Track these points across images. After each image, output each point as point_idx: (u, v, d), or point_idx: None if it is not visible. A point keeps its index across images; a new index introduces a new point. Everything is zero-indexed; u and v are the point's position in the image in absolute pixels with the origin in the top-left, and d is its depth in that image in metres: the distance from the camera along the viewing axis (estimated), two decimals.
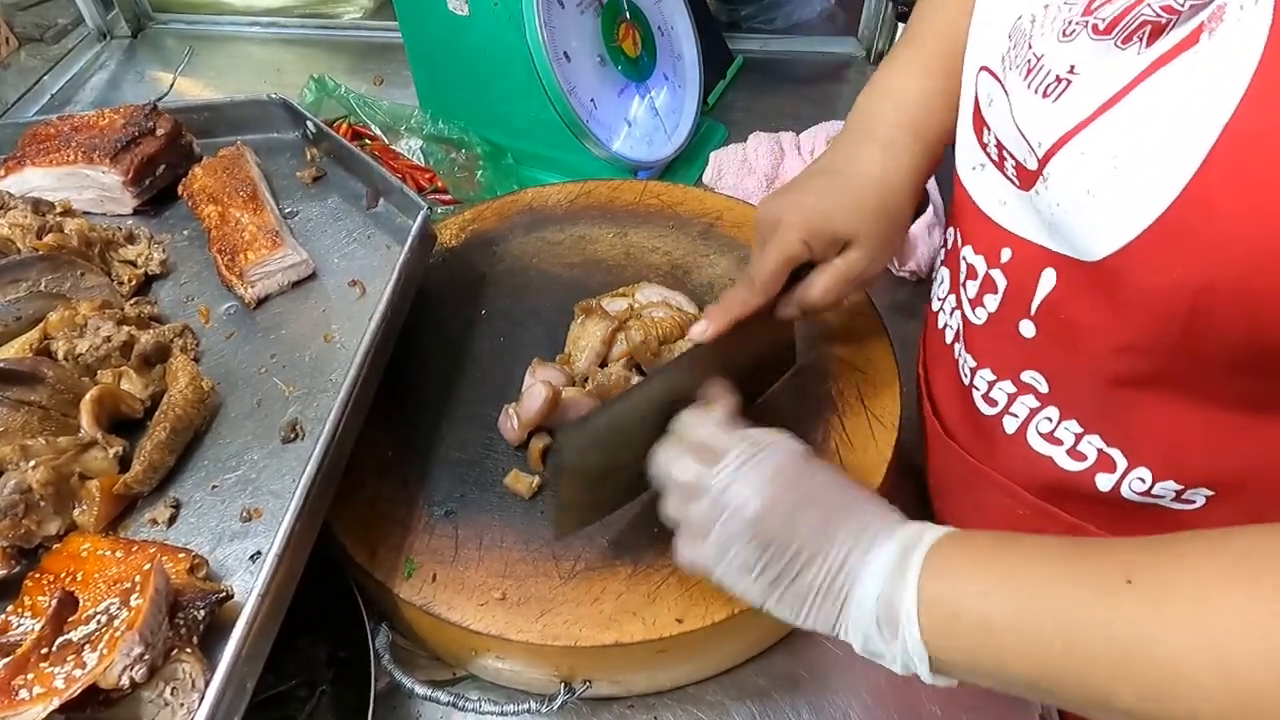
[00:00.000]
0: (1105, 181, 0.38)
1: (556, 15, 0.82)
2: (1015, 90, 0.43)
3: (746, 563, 0.43)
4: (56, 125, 0.78)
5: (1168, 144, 0.35)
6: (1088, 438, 0.48)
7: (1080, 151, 0.39)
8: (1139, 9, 0.37)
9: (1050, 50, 0.41)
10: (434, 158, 0.93)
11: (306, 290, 0.67)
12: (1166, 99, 0.36)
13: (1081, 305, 0.43)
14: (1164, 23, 0.36)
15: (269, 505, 0.52)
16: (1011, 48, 0.43)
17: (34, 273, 0.63)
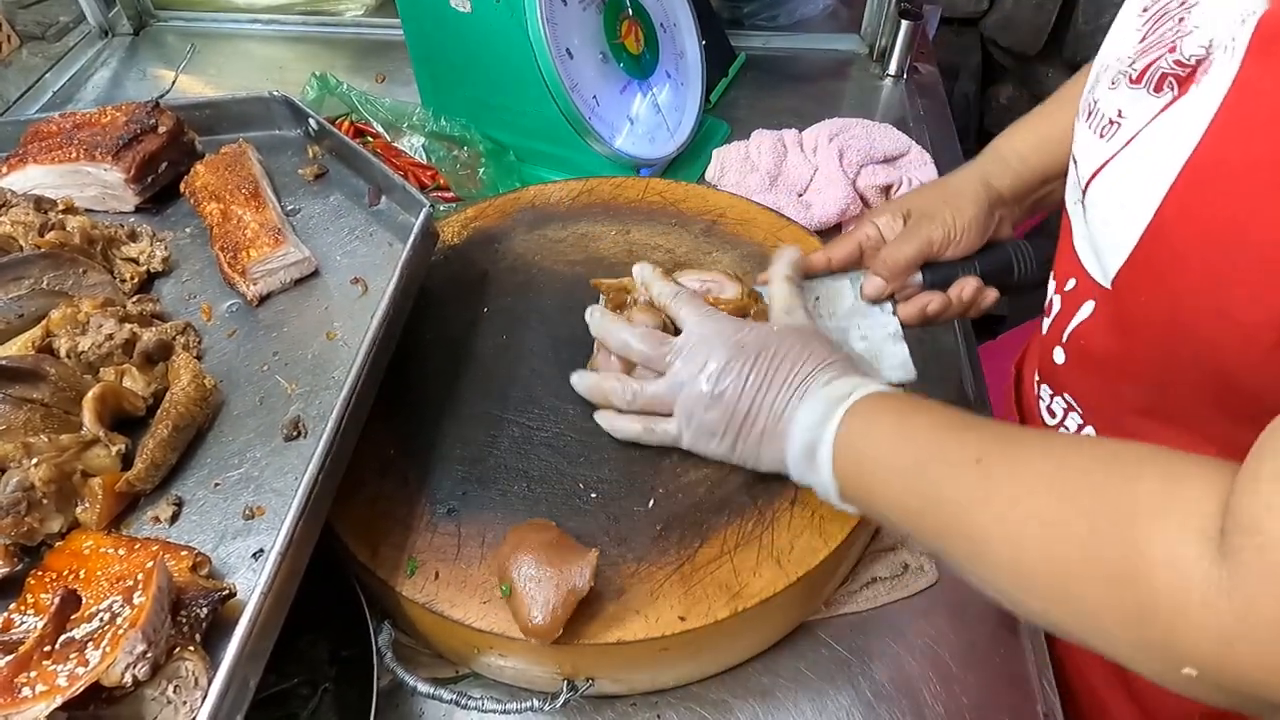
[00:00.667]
0: (1115, 210, 0.44)
1: (559, 12, 0.82)
2: (1080, 130, 0.50)
3: (708, 428, 0.53)
4: (58, 123, 0.78)
5: (1150, 176, 0.41)
6: None
7: (1106, 184, 0.45)
8: (1159, 62, 0.42)
9: (1104, 97, 0.47)
10: (436, 155, 0.93)
11: (309, 288, 0.67)
12: (1160, 137, 0.41)
13: (1099, 332, 0.49)
14: (1183, 75, 0.41)
15: (271, 503, 0.52)
16: (1087, 98, 0.50)
17: (36, 270, 0.62)
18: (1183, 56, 0.40)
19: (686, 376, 0.53)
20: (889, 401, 0.49)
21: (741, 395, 0.51)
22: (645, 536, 0.54)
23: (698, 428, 0.53)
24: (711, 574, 0.52)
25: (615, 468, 0.58)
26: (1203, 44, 0.40)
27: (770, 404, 0.51)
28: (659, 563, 0.53)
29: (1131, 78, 0.44)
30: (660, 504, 0.56)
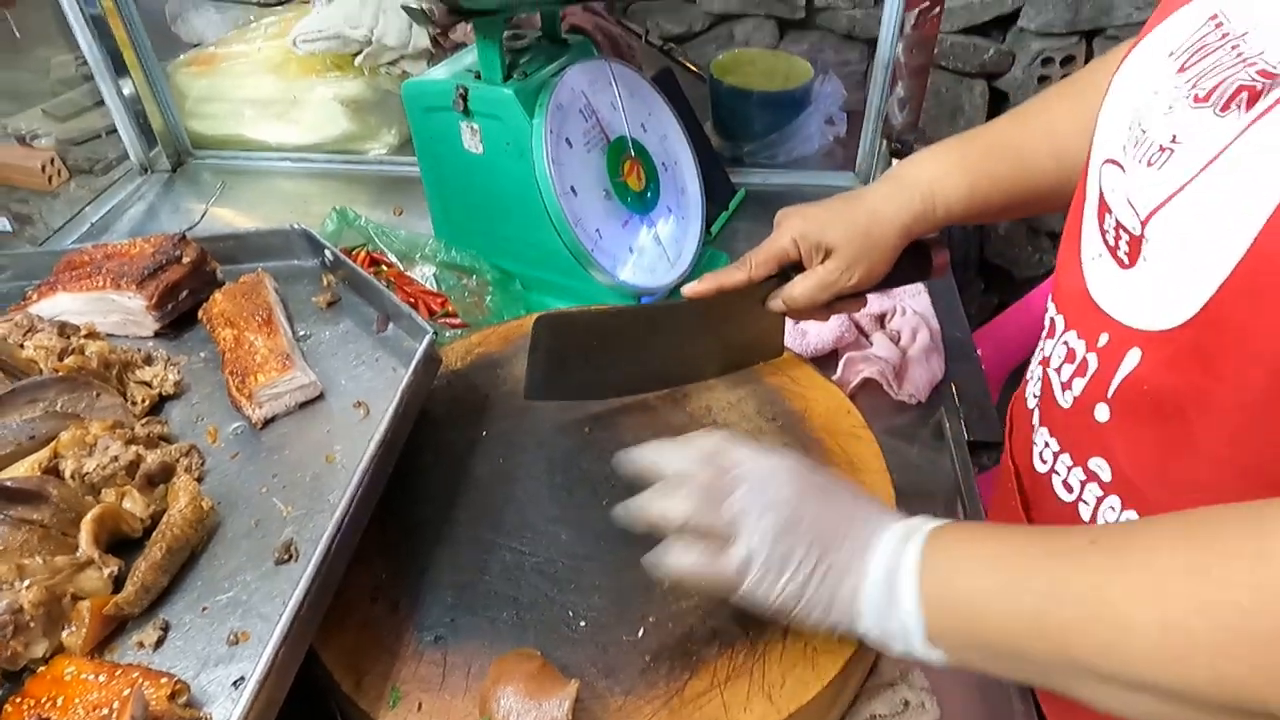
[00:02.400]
0: (1193, 240, 0.40)
1: (564, 153, 0.88)
2: (1130, 168, 0.47)
3: (784, 559, 0.45)
4: (90, 253, 0.82)
5: (1247, 195, 0.37)
6: None
7: (1176, 213, 0.42)
8: (1236, 75, 0.40)
9: (1154, 124, 0.45)
10: (446, 283, 0.97)
11: (313, 411, 0.69)
12: (1252, 154, 0.38)
13: (1164, 376, 0.45)
14: (1260, 88, 0.39)
15: (256, 629, 0.52)
16: (1127, 131, 0.48)
17: (52, 393, 0.65)
18: (1269, 66, 0.38)
19: (760, 498, 0.47)
20: (967, 526, 0.46)
21: (821, 523, 0.46)
22: (634, 667, 0.53)
23: (769, 560, 0.45)
24: (701, 709, 0.51)
25: (606, 595, 0.57)
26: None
27: (851, 537, 0.46)
28: (647, 696, 0.52)
29: (1197, 97, 0.41)
30: (650, 633, 0.55)
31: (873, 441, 0.68)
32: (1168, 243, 0.43)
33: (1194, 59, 0.43)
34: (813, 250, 0.67)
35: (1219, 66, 0.41)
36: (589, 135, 0.91)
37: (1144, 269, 0.45)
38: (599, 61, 0.94)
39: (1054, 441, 0.56)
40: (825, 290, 0.67)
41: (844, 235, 0.66)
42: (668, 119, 1.01)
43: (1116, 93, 0.51)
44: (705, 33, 1.99)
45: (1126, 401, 0.48)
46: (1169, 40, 0.46)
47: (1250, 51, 0.39)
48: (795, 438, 0.69)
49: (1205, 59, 0.42)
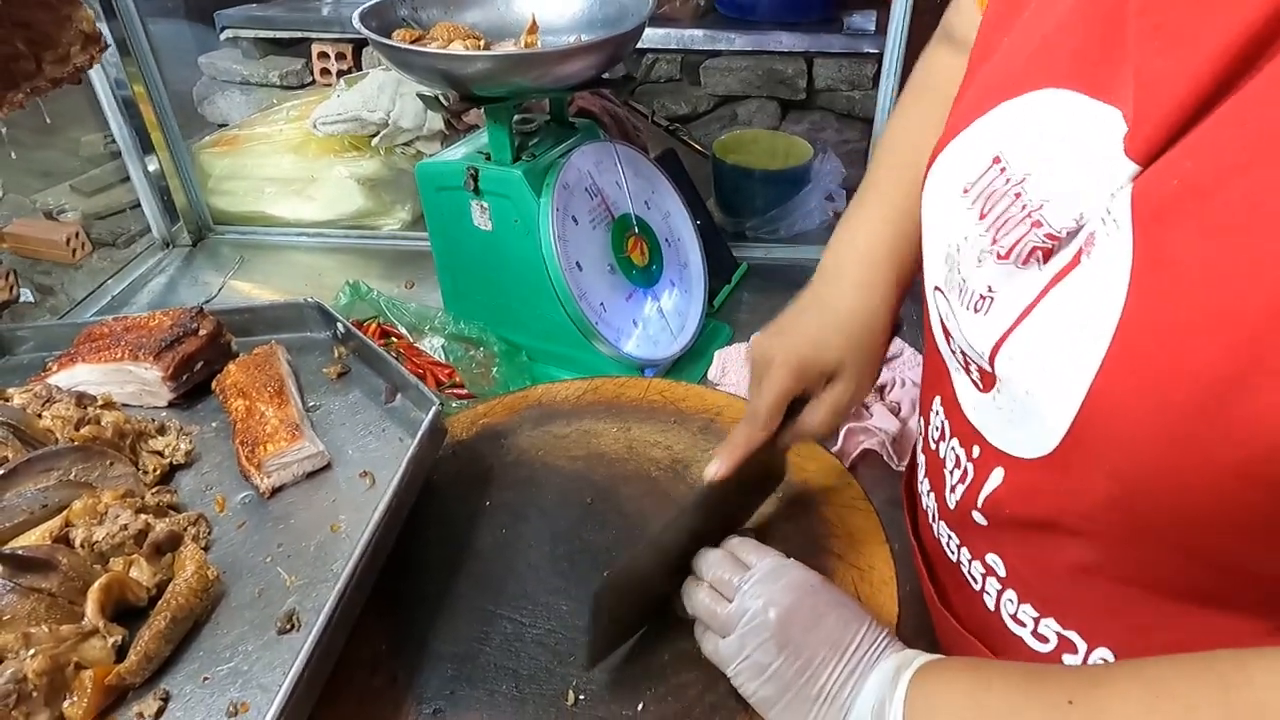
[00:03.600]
0: (1035, 384, 0.43)
1: (570, 230, 0.91)
2: (956, 307, 0.49)
3: (762, 663, 0.50)
4: (110, 325, 0.85)
5: (1072, 352, 0.40)
6: (1044, 620, 0.49)
7: (1010, 357, 0.44)
8: (1028, 238, 0.42)
9: (970, 274, 0.47)
10: (454, 355, 1.00)
11: (320, 481, 0.70)
12: (1065, 310, 0.41)
13: (1024, 501, 0.46)
14: (1050, 247, 0.42)
15: (256, 699, 0.52)
16: (948, 272, 0.49)
17: (66, 462, 0.66)
18: (1052, 230, 0.41)
19: (753, 605, 0.51)
20: (955, 663, 0.47)
21: (806, 641, 0.49)
22: None
23: (749, 663, 0.50)
24: None
25: (605, 667, 0.57)
26: (1071, 217, 0.40)
27: (838, 666, 0.48)
28: None
29: (998, 254, 0.44)
30: (650, 707, 0.55)
31: (872, 513, 0.69)
32: (1013, 379, 0.44)
33: (988, 205, 0.44)
34: (817, 379, 0.63)
35: (1010, 220, 0.43)
36: (594, 213, 0.95)
37: (999, 399, 0.46)
38: (604, 143, 0.99)
39: (954, 536, 0.56)
40: (840, 414, 0.64)
41: (842, 354, 0.63)
42: (670, 197, 1.05)
43: (930, 222, 0.52)
44: (709, 113, 2.06)
45: (994, 514, 0.49)
46: (960, 172, 0.47)
47: (1032, 202, 0.42)
48: (794, 508, 0.69)
49: (997, 206, 0.44)
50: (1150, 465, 0.38)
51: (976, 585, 0.54)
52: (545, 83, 0.86)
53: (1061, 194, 0.41)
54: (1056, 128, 0.42)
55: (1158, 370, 0.36)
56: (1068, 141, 0.41)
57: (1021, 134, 0.44)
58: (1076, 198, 0.40)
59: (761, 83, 1.99)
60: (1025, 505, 0.46)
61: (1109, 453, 0.39)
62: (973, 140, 0.47)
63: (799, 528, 0.68)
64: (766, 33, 1.60)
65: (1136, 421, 0.37)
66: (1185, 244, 0.35)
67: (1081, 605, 0.47)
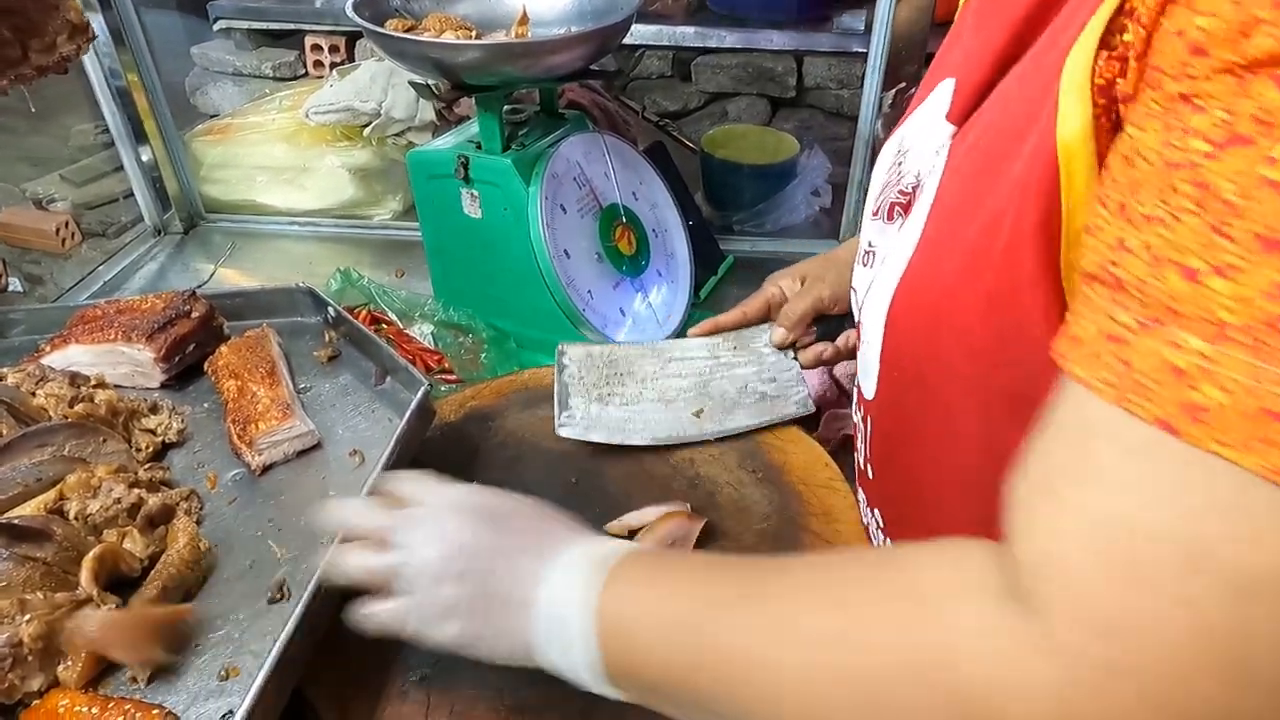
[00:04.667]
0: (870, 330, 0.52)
1: (558, 219, 0.92)
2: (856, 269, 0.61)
3: (443, 603, 0.45)
4: (103, 308, 0.86)
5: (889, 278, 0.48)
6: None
7: (867, 306, 0.53)
8: (886, 194, 0.53)
9: (864, 230, 0.58)
10: (443, 341, 1.01)
11: (310, 459, 0.72)
12: (894, 257, 0.49)
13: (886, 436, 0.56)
14: (906, 203, 0.51)
15: (247, 664, 0.53)
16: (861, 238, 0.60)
17: (60, 438, 0.68)
18: (904, 187, 0.49)
19: (412, 544, 0.46)
20: (652, 557, 0.45)
21: (478, 559, 0.45)
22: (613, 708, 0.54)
23: (426, 607, 0.45)
24: None
25: None
26: (915, 172, 0.49)
27: (516, 568, 0.44)
28: None
29: (873, 211, 0.53)
30: None
31: (849, 494, 0.71)
32: (865, 325, 0.53)
33: (892, 168, 0.54)
34: (791, 283, 0.82)
35: (889, 185, 0.53)
36: (583, 202, 0.96)
37: (863, 350, 0.55)
38: (593, 134, 1.00)
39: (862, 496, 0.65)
40: (805, 298, 0.79)
41: (813, 266, 0.83)
42: (658, 188, 1.06)
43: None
44: (699, 110, 2.08)
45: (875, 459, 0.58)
46: (883, 162, 0.57)
47: (906, 172, 0.51)
48: (774, 488, 0.71)
49: (888, 178, 0.54)
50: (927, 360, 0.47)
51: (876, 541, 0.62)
52: (535, 72, 0.88)
53: (913, 158, 0.50)
54: (929, 110, 0.51)
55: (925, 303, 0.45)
56: (929, 117, 0.50)
57: (917, 121, 0.53)
58: (919, 159, 0.49)
59: (751, 80, 2.01)
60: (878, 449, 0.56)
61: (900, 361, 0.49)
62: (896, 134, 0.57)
63: (777, 506, 0.70)
64: (757, 31, 1.62)
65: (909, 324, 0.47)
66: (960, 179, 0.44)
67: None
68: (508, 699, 0.56)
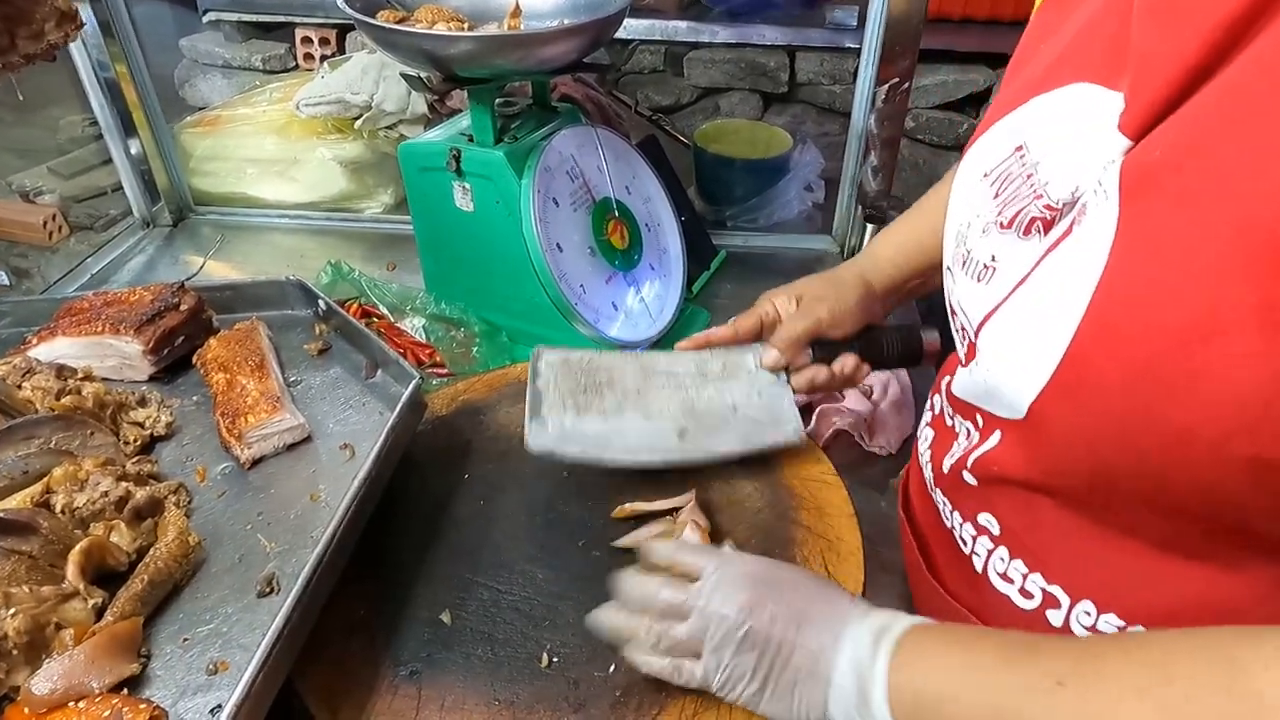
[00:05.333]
0: (1017, 347, 0.45)
1: (551, 212, 0.92)
2: (960, 280, 0.53)
3: (741, 668, 0.49)
4: (91, 300, 0.85)
5: (1055, 313, 0.42)
6: (1031, 576, 0.51)
7: (996, 326, 0.47)
8: (1028, 209, 0.46)
9: (976, 245, 0.50)
10: (435, 335, 1.00)
11: (300, 452, 0.71)
12: (1055, 277, 0.43)
13: (1013, 458, 0.49)
14: (1050, 218, 0.45)
15: (236, 658, 0.53)
16: (956, 247, 0.53)
17: (47, 431, 0.67)
18: (1051, 201, 0.44)
19: (714, 616, 0.50)
20: (938, 631, 0.46)
21: (772, 631, 0.48)
22: (604, 702, 0.54)
23: (730, 671, 0.49)
24: None
25: (579, 632, 0.59)
26: (1069, 189, 0.43)
27: (807, 641, 0.48)
28: None
29: (1002, 224, 0.47)
30: (621, 669, 0.56)
31: (841, 487, 0.71)
32: (994, 348, 0.48)
33: (1003, 186, 0.48)
34: (787, 302, 0.76)
35: (1019, 196, 0.47)
36: (575, 196, 0.96)
37: (976, 370, 0.50)
38: (586, 127, 1.00)
39: (947, 501, 0.59)
40: (802, 320, 0.73)
41: (810, 286, 0.76)
42: (651, 182, 1.06)
43: (951, 207, 0.56)
44: (692, 104, 2.08)
45: (983, 474, 0.53)
46: (984, 160, 0.51)
47: (1039, 183, 0.46)
48: (766, 483, 0.71)
49: (1009, 186, 0.48)
50: (1116, 425, 0.40)
51: (967, 548, 0.57)
52: (527, 65, 0.87)
53: (1063, 169, 0.44)
54: (1073, 116, 0.45)
55: (1128, 330, 0.38)
56: (1077, 125, 0.44)
57: (1044, 125, 0.47)
58: (1075, 171, 0.43)
59: (744, 75, 2.00)
60: (1007, 465, 0.50)
61: (1079, 413, 0.42)
62: (1001, 133, 0.51)
63: (769, 500, 0.70)
64: (750, 26, 1.62)
65: (1106, 380, 0.40)
66: (1162, 212, 0.38)
67: (1067, 559, 0.49)
68: (499, 693, 0.55)
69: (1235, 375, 0.35)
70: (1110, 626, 0.48)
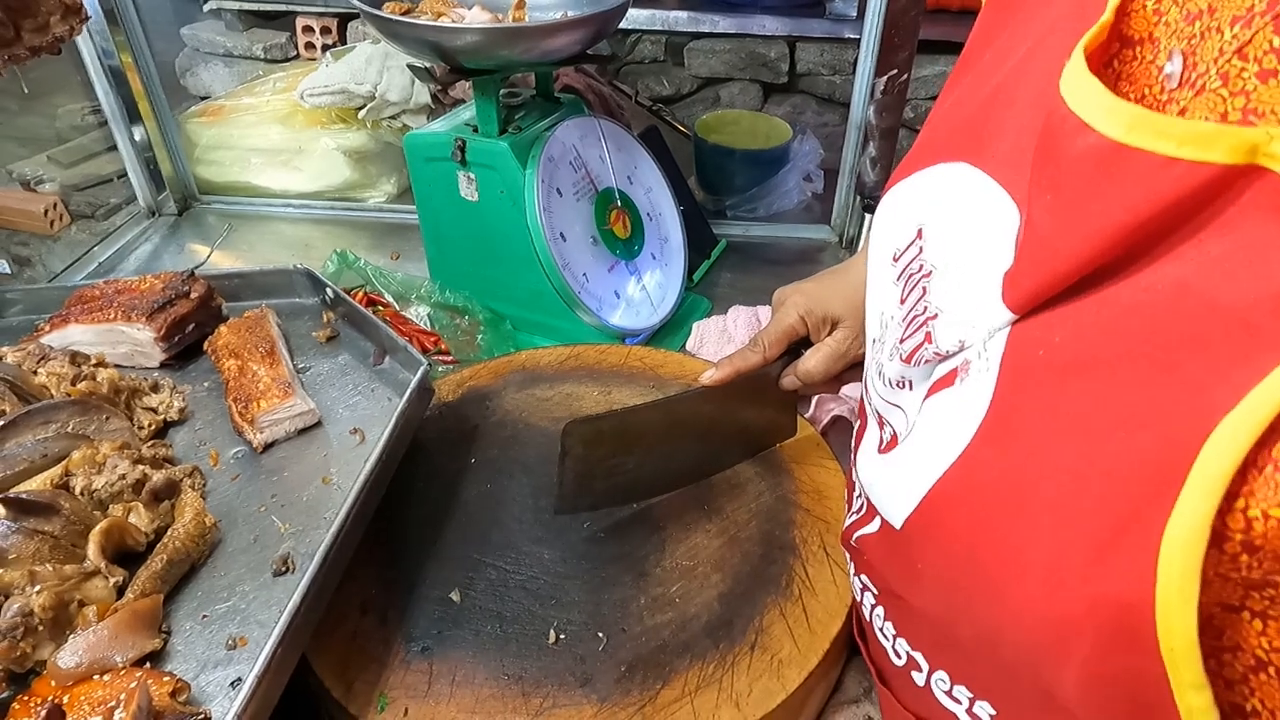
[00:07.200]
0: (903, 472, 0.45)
1: (555, 202, 0.93)
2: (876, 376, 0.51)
3: None
4: (101, 288, 0.87)
5: (928, 454, 0.42)
6: (898, 639, 0.51)
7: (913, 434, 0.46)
8: (921, 350, 0.44)
9: (887, 363, 0.49)
10: (440, 323, 1.02)
11: (310, 437, 0.73)
12: (937, 418, 0.43)
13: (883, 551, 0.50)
14: (939, 360, 0.44)
15: (254, 634, 0.55)
16: (880, 330, 0.51)
17: (64, 415, 0.68)
18: (940, 349, 0.42)
19: None
20: None
21: None
22: (609, 677, 0.56)
23: None
24: (672, 715, 0.54)
25: (584, 610, 0.61)
26: (956, 340, 0.41)
27: None
28: (621, 703, 0.55)
29: (903, 357, 0.46)
30: (625, 646, 0.58)
31: (839, 471, 0.72)
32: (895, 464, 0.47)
33: (906, 290, 0.47)
34: (820, 324, 0.68)
35: (915, 321, 0.45)
36: (578, 186, 0.97)
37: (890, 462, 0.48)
38: (589, 118, 1.01)
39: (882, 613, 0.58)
40: (838, 360, 0.68)
41: (846, 306, 0.68)
42: (653, 172, 1.07)
43: (871, 274, 0.54)
44: (693, 94, 2.08)
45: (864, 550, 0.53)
46: (894, 235, 0.49)
47: (930, 307, 0.43)
48: (766, 466, 0.73)
49: (910, 296, 0.46)
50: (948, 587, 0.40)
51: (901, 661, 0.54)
52: (532, 56, 0.89)
53: (952, 312, 0.42)
54: (966, 214, 0.43)
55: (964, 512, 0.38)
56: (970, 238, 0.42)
57: (941, 208, 0.46)
58: (962, 326, 0.41)
59: (744, 65, 2.01)
60: (882, 556, 0.49)
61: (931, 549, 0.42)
62: (908, 196, 0.49)
63: (770, 484, 0.71)
64: (750, 16, 1.62)
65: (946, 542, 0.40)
66: (1034, 413, 0.36)
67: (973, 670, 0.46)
68: (508, 668, 0.57)
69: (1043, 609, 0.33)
70: (964, 696, 0.47)
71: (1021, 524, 0.35)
